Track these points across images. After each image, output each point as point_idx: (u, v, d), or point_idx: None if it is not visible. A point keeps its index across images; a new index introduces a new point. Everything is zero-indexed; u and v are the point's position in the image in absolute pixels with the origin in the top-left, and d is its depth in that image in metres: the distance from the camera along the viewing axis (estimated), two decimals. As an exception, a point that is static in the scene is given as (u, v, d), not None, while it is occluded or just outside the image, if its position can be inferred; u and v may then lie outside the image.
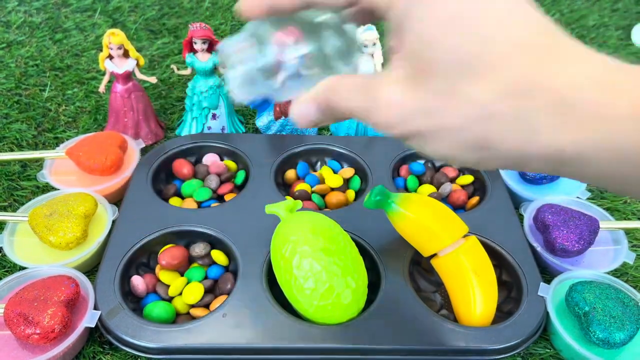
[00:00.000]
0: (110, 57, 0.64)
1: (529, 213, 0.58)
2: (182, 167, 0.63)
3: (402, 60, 0.22)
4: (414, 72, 0.22)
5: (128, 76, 0.66)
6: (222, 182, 0.62)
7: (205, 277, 0.52)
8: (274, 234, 0.48)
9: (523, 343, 0.46)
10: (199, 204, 0.59)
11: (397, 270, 0.50)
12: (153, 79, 0.67)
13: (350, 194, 0.61)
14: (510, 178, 0.63)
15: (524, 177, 0.62)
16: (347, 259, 0.45)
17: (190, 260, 0.53)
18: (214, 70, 0.66)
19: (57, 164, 0.62)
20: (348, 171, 0.63)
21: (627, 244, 0.56)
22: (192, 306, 0.50)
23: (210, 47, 0.65)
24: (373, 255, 0.52)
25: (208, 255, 0.53)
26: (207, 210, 0.57)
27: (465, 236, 0.50)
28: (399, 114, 0.22)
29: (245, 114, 0.75)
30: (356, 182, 0.63)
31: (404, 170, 0.65)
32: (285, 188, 0.63)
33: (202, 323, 0.46)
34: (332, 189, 0.62)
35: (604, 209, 0.60)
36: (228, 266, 0.53)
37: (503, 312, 0.50)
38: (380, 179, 0.61)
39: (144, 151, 0.67)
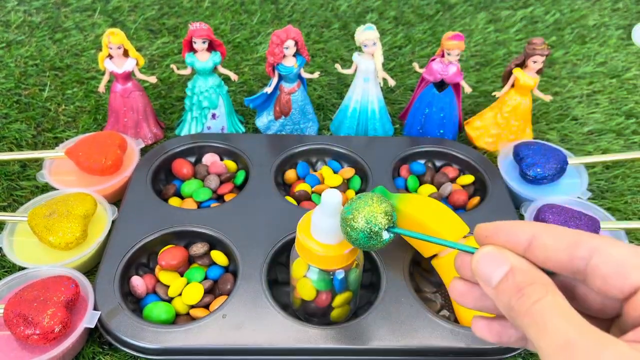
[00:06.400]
0: (110, 56, 0.64)
1: (529, 213, 0.58)
2: (182, 167, 0.62)
3: None
4: None
5: (128, 76, 0.66)
6: (222, 182, 0.61)
7: (205, 278, 0.52)
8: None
9: (523, 344, 0.46)
10: (199, 204, 0.59)
11: (397, 271, 0.50)
12: (153, 79, 0.67)
13: (350, 194, 0.61)
14: (510, 178, 0.63)
15: (525, 177, 0.62)
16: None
17: (190, 260, 0.53)
18: (213, 70, 0.66)
19: (56, 164, 0.62)
20: (348, 171, 0.63)
21: (627, 245, 0.56)
22: (192, 307, 0.50)
23: (210, 47, 0.65)
24: (373, 256, 0.52)
25: (208, 255, 0.53)
26: (207, 211, 0.57)
27: (466, 237, 0.50)
28: None
29: (245, 113, 0.75)
30: (356, 182, 0.63)
31: (404, 170, 0.64)
32: (285, 188, 0.63)
33: (202, 324, 0.46)
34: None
35: (604, 209, 0.60)
36: (228, 266, 0.53)
37: (503, 313, 0.50)
38: (380, 179, 0.61)
39: (143, 151, 0.67)
